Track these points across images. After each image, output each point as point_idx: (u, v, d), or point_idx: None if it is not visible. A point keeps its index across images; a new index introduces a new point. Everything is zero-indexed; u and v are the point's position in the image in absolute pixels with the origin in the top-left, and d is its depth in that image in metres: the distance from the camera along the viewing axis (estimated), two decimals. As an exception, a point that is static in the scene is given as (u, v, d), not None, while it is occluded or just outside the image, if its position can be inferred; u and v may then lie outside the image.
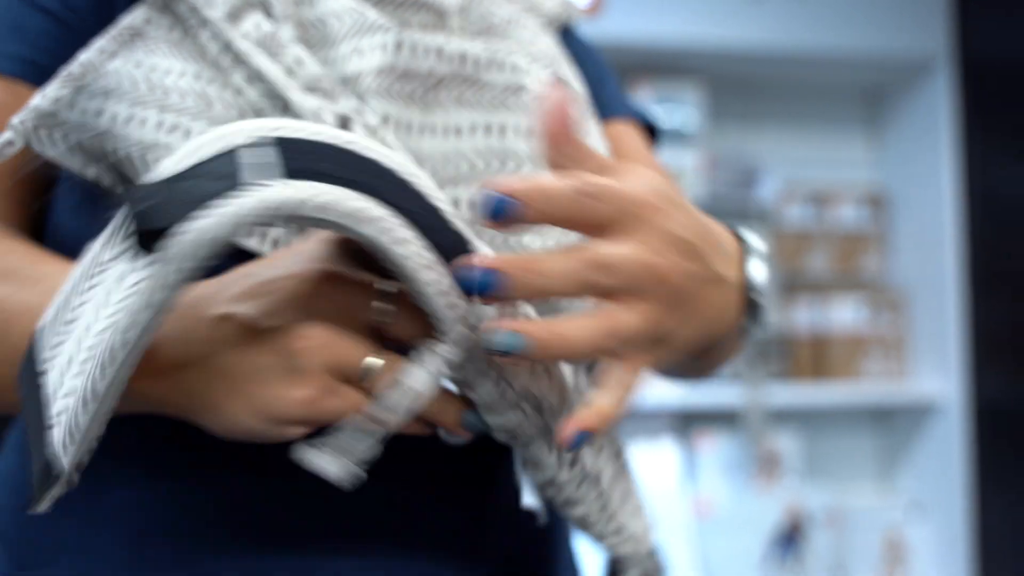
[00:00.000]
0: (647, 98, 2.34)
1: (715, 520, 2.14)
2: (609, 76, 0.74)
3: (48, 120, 0.50)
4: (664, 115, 2.34)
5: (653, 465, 2.16)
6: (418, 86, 0.52)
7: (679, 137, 2.39)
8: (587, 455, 0.48)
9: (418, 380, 0.41)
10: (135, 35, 0.53)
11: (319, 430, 0.42)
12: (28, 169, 0.49)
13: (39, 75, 0.54)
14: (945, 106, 2.26)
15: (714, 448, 2.25)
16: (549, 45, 0.63)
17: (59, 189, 0.53)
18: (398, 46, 0.52)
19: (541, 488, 0.48)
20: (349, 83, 0.52)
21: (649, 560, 0.52)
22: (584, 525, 0.50)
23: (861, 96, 2.55)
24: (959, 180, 2.25)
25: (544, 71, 0.58)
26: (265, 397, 0.41)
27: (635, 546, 0.51)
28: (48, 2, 0.56)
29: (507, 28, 0.62)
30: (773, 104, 2.51)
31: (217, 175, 0.38)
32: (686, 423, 2.32)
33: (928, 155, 2.31)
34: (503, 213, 0.38)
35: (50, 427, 0.39)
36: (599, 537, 0.50)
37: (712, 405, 2.19)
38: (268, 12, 0.54)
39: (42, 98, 0.50)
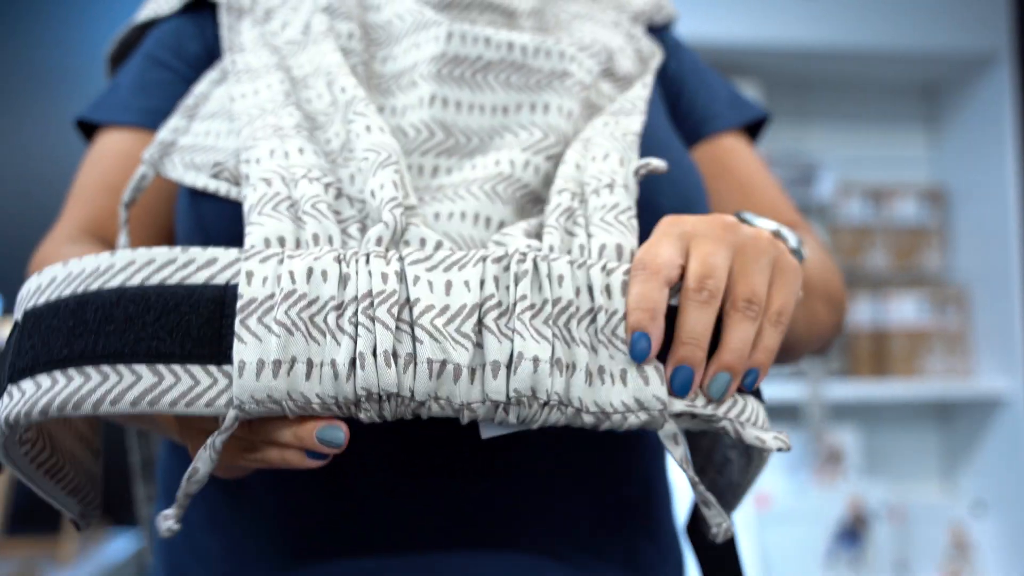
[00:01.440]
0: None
1: (775, 514, 2.15)
2: (709, 84, 0.73)
3: (169, 148, 0.57)
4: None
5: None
6: (467, 69, 0.57)
7: (736, 136, 2.41)
8: None
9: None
10: (226, 53, 0.61)
11: None
12: (142, 191, 0.55)
13: (162, 120, 0.63)
14: (1007, 100, 2.24)
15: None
16: (611, 39, 0.65)
17: (178, 205, 0.60)
18: (449, 36, 0.57)
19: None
20: (406, 73, 0.58)
21: None
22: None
23: (919, 92, 2.53)
24: (1021, 174, 2.23)
25: (591, 60, 0.60)
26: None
27: None
28: (166, 58, 0.65)
29: (571, 23, 0.65)
30: (829, 101, 2.51)
31: (18, 356, 0.42)
32: (745, 419, 2.33)
33: (989, 150, 2.29)
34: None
35: None
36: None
37: (772, 401, 2.21)
38: (333, 15, 0.61)
39: (164, 130, 0.58)
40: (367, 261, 0.41)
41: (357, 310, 0.40)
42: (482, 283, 0.41)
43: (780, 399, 2.16)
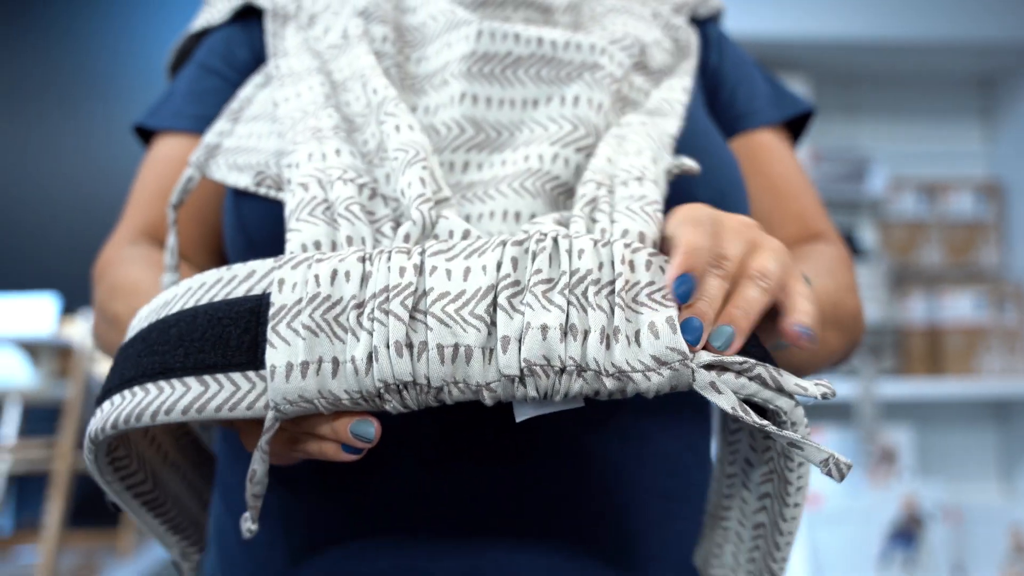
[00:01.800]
0: (751, 94, 2.35)
1: (826, 514, 2.13)
2: (751, 78, 0.72)
3: (215, 151, 0.59)
4: (769, 110, 2.33)
5: (762, 459, 2.16)
6: (496, 65, 0.58)
7: (785, 132, 2.38)
8: None
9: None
10: (271, 58, 0.64)
11: None
12: (189, 192, 0.58)
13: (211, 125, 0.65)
14: (1065, 91, 2.19)
15: (825, 442, 2.24)
16: (646, 32, 0.65)
17: (224, 205, 0.63)
18: (479, 34, 0.58)
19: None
20: (438, 72, 0.59)
21: None
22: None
23: (974, 83, 2.48)
24: (1081, 166, 2.17)
25: (622, 53, 0.61)
26: None
27: None
28: (217, 66, 0.68)
29: (605, 17, 0.66)
30: (880, 95, 2.47)
31: (107, 382, 0.46)
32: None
33: (1047, 142, 2.24)
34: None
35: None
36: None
37: (823, 400, 2.18)
38: (368, 19, 0.62)
39: (210, 134, 0.60)
40: (388, 258, 0.43)
41: (375, 306, 0.41)
42: (499, 265, 0.42)
43: (831, 399, 2.13)
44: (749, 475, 0.49)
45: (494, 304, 0.41)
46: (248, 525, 0.44)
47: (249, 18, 0.70)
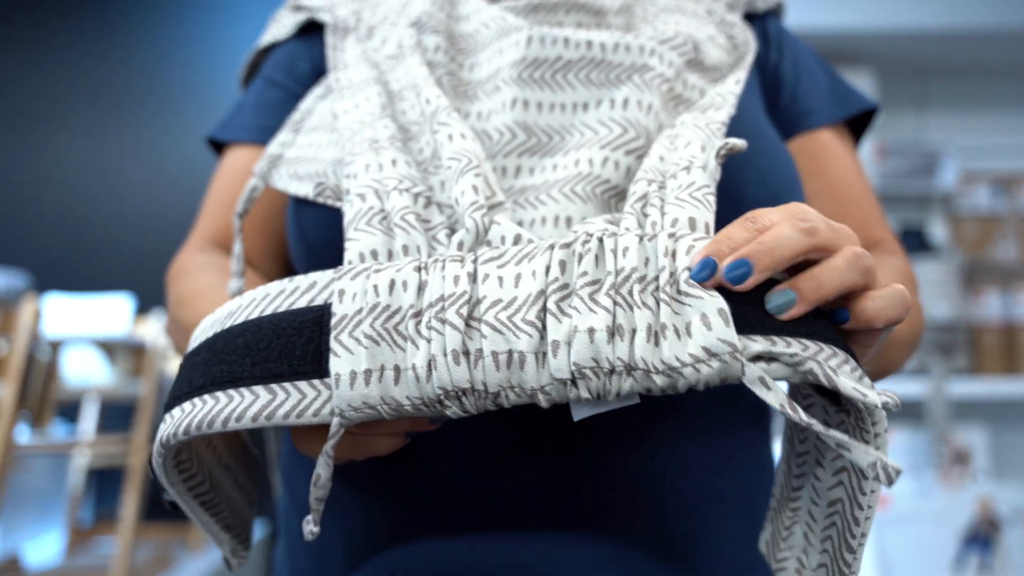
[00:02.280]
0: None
1: (895, 516, 2.09)
2: (812, 75, 0.71)
3: (277, 160, 0.62)
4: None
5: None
6: (547, 70, 0.59)
7: (851, 126, 2.34)
8: None
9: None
10: (331, 71, 0.66)
11: None
12: (253, 201, 0.60)
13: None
14: None
15: (892, 442, 2.19)
16: (699, 30, 0.65)
17: (287, 213, 0.65)
18: (529, 40, 0.59)
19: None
20: (491, 79, 0.60)
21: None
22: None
23: (1051, 73, 2.41)
24: None
25: (672, 52, 0.60)
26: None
27: None
28: (280, 78, 0.71)
29: (657, 17, 0.66)
30: (951, 87, 2.41)
31: (175, 389, 0.48)
32: (864, 417, 2.26)
33: None
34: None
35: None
36: None
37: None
38: (421, 29, 0.64)
39: (273, 144, 0.63)
40: (443, 267, 0.44)
41: (431, 315, 0.43)
42: (547, 269, 0.43)
43: (902, 397, 2.09)
44: (823, 451, 0.47)
45: (544, 309, 0.42)
46: (310, 527, 0.46)
47: (311, 33, 0.73)
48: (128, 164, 3.06)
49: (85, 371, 2.20)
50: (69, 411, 2.75)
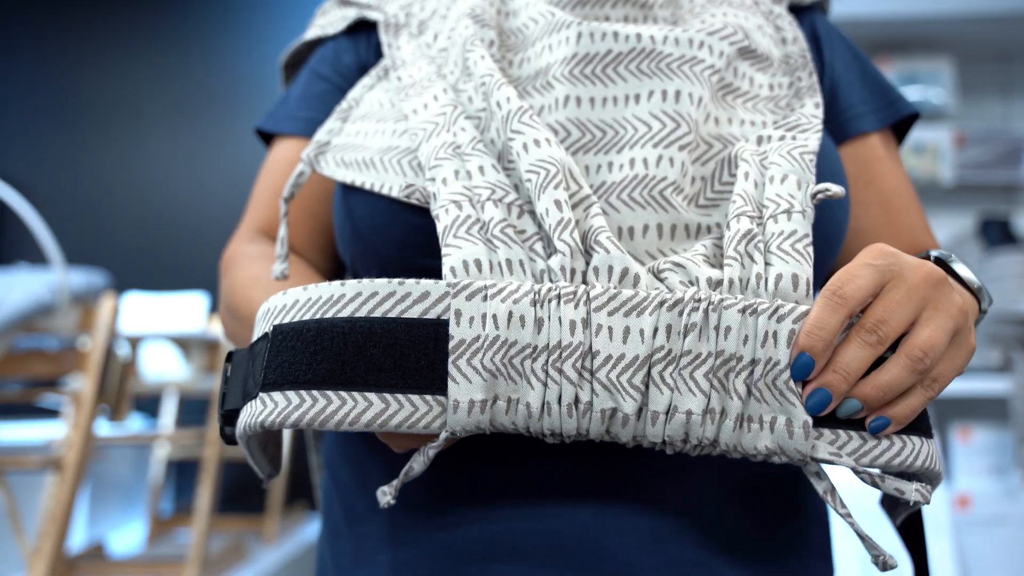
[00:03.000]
0: (892, 78, 2.24)
1: (976, 518, 2.01)
2: (862, 75, 0.71)
3: (324, 148, 0.63)
4: (911, 95, 2.23)
5: (905, 458, 2.06)
6: (597, 65, 0.59)
7: (930, 115, 2.27)
8: None
9: None
10: (388, 69, 0.67)
11: None
12: (300, 187, 0.61)
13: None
14: None
15: (974, 441, 2.11)
16: (747, 19, 0.65)
17: (334, 200, 0.66)
18: (579, 36, 0.59)
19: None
20: (541, 75, 0.60)
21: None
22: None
23: None
24: None
25: (722, 43, 0.60)
26: None
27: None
28: (326, 71, 0.72)
29: (704, 8, 0.65)
30: (1036, 72, 2.31)
31: (246, 370, 0.52)
32: (941, 415, 2.20)
33: None
34: (804, 373, 0.46)
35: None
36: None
37: (972, 395, 2.06)
38: (480, 23, 0.64)
39: (320, 132, 0.64)
40: (558, 305, 0.47)
41: (548, 360, 0.47)
42: (655, 332, 0.47)
43: (986, 393, 2.02)
44: None
45: (648, 375, 0.46)
46: (388, 499, 0.50)
47: (358, 31, 0.74)
48: (204, 168, 3.15)
49: (162, 367, 2.27)
50: (148, 405, 2.85)
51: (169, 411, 2.60)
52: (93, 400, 1.61)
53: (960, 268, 0.55)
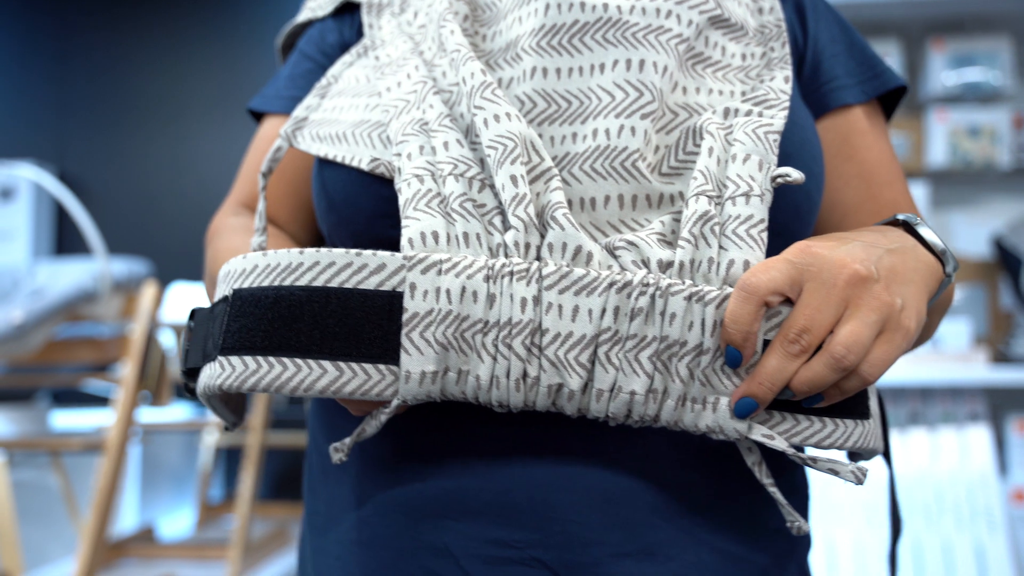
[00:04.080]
0: (947, 59, 2.17)
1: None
2: (847, 46, 0.71)
3: (302, 123, 0.64)
4: (967, 77, 2.16)
5: (963, 451, 2.00)
6: (564, 36, 0.59)
7: (987, 97, 2.19)
8: None
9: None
10: (367, 48, 0.68)
11: None
12: (276, 162, 0.63)
13: None
14: None
15: (1031, 433, 2.04)
16: None
17: (312, 172, 0.67)
18: (547, 8, 0.60)
19: None
20: (511, 47, 0.61)
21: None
22: None
23: None
24: None
25: (692, 11, 0.60)
26: None
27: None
28: (311, 51, 0.74)
29: None
30: (1100, 49, 2.21)
31: (207, 330, 0.53)
32: (999, 407, 2.12)
33: None
34: (736, 363, 0.48)
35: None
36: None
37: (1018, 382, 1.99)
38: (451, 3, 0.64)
39: (299, 108, 0.65)
40: (510, 282, 0.49)
41: (498, 336, 0.48)
42: (603, 312, 0.48)
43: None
44: None
45: (594, 353, 0.48)
46: (340, 456, 0.52)
47: (344, 12, 0.75)
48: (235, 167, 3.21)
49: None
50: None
51: (218, 399, 2.64)
52: (134, 385, 1.65)
53: (925, 232, 0.55)
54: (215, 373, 0.51)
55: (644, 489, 0.56)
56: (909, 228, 0.56)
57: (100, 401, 2.71)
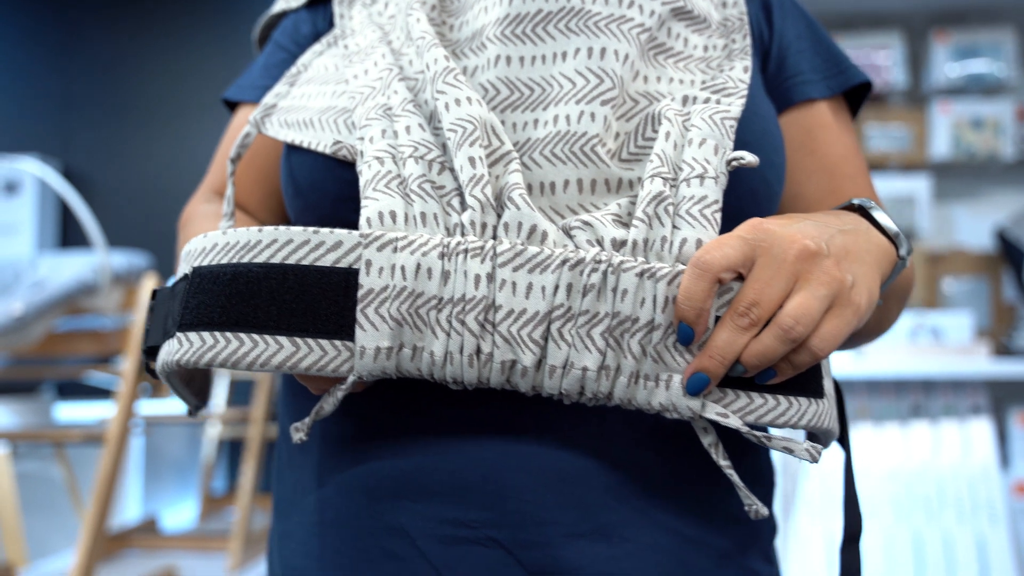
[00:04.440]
0: (950, 50, 2.16)
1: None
2: (813, 42, 0.71)
3: (271, 110, 0.65)
4: (970, 68, 2.15)
5: (964, 444, 2.00)
6: (528, 25, 0.60)
7: (990, 88, 2.18)
8: None
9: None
10: (337, 37, 0.69)
11: None
12: (245, 148, 0.63)
13: None
14: None
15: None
16: None
17: (281, 159, 0.67)
18: None
19: None
20: (477, 36, 0.62)
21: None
22: None
23: None
24: None
25: (655, 2, 0.61)
26: None
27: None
28: (285, 42, 0.75)
29: None
30: (1105, 40, 2.20)
31: (167, 309, 0.54)
32: (1001, 399, 2.12)
33: None
34: (688, 340, 0.48)
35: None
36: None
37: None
38: None
39: (268, 95, 0.66)
40: (464, 260, 0.49)
41: (452, 312, 0.49)
42: (556, 289, 0.48)
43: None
44: None
45: (547, 330, 0.49)
46: (300, 435, 0.52)
47: (317, 3, 0.76)
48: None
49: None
50: (202, 386, 2.91)
51: (220, 392, 2.65)
52: (135, 377, 1.65)
53: (879, 215, 0.55)
54: (173, 349, 0.51)
55: (599, 469, 0.56)
56: (864, 212, 0.56)
57: (104, 393, 2.71)
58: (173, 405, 2.43)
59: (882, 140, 2.22)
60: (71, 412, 2.36)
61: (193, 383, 0.60)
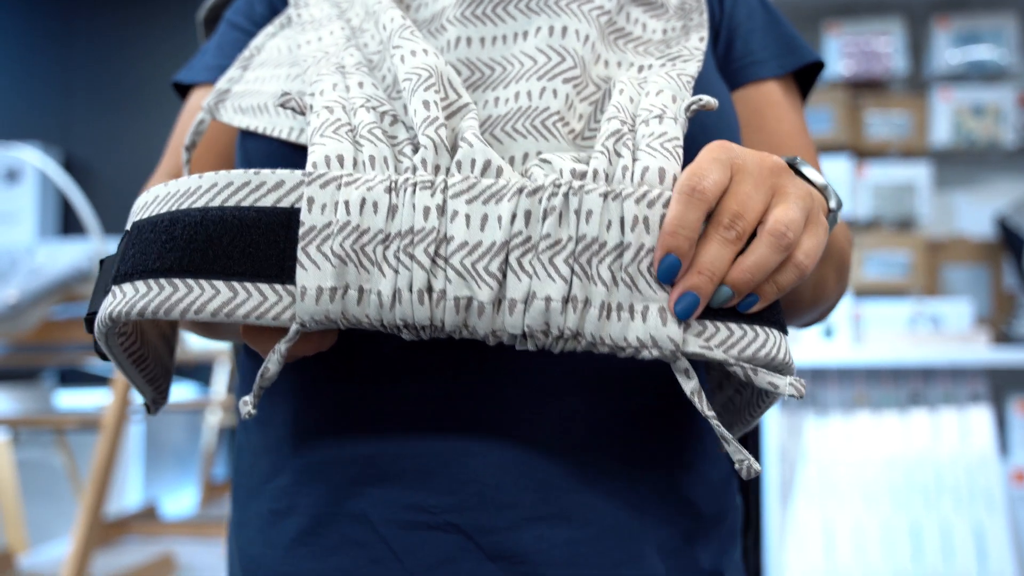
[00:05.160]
0: (952, 36, 2.15)
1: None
2: (765, 23, 0.71)
3: (224, 95, 0.63)
4: (972, 55, 2.14)
5: (964, 432, 2.00)
6: (488, 5, 0.59)
7: (992, 75, 2.17)
8: None
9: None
10: (291, 19, 0.67)
11: None
12: (200, 134, 0.62)
13: None
14: None
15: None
16: None
17: (236, 145, 0.67)
18: None
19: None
20: (436, 18, 0.61)
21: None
22: None
23: None
24: None
25: None
26: None
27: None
28: (240, 21, 0.73)
29: None
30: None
31: (109, 266, 0.50)
32: (1001, 387, 2.11)
33: None
34: (671, 274, 0.44)
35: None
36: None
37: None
38: None
39: (221, 80, 0.65)
40: (413, 193, 0.46)
41: (400, 247, 0.45)
42: (513, 218, 0.45)
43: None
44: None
45: (506, 261, 0.45)
46: (248, 409, 0.48)
47: None
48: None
49: (209, 334, 2.32)
50: (202, 373, 2.92)
51: (221, 378, 2.66)
52: (132, 364, 1.66)
53: (808, 170, 0.54)
54: (107, 304, 0.48)
55: (559, 453, 0.55)
56: (792, 166, 0.55)
57: (105, 381, 2.72)
58: (173, 392, 2.43)
59: (883, 127, 2.21)
60: (71, 399, 2.36)
61: (146, 365, 0.57)
